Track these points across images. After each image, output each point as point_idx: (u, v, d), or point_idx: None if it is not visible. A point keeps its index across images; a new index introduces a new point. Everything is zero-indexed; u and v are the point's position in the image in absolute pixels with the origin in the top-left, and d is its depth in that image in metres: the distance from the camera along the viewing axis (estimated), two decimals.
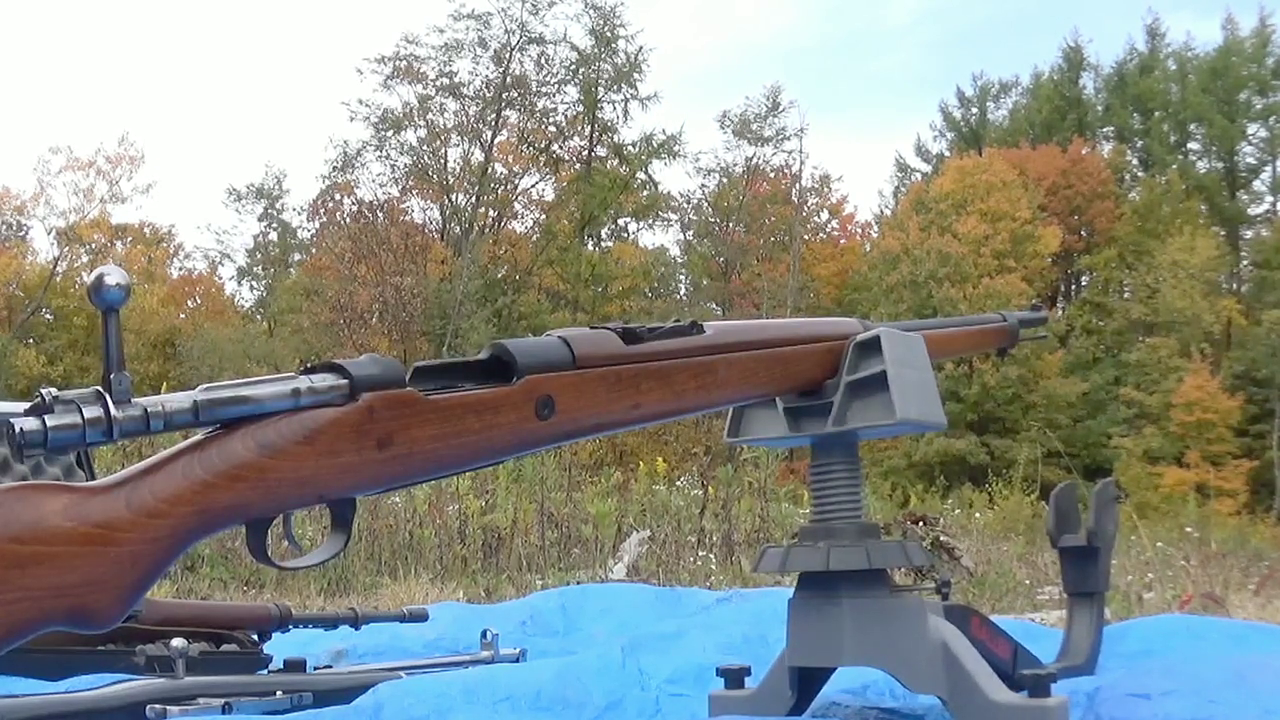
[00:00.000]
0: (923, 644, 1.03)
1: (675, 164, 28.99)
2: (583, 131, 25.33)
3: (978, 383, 22.74)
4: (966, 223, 23.95)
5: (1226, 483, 19.46)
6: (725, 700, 1.15)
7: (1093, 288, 27.72)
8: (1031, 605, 3.85)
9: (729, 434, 1.16)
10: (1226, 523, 10.35)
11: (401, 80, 24.05)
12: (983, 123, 30.99)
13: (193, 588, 4.68)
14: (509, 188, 25.43)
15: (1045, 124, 29.45)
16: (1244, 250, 28.04)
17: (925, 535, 4.92)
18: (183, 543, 0.70)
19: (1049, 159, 26.68)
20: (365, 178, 24.81)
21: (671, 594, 2.10)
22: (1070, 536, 1.33)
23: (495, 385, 0.82)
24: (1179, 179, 27.17)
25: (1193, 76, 28.43)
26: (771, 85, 31.40)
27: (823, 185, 28.68)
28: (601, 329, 0.90)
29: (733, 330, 0.99)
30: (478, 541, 5.85)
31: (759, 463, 6.20)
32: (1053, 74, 30.62)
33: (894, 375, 1.04)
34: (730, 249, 26.89)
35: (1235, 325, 24.84)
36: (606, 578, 4.78)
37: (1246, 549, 6.74)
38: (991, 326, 1.36)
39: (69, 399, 0.67)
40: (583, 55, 24.69)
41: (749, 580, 4.22)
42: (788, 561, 1.08)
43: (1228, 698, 1.00)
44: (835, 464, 1.10)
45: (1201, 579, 3.98)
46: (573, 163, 25.67)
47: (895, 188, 31.10)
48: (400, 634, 1.88)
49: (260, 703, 1.30)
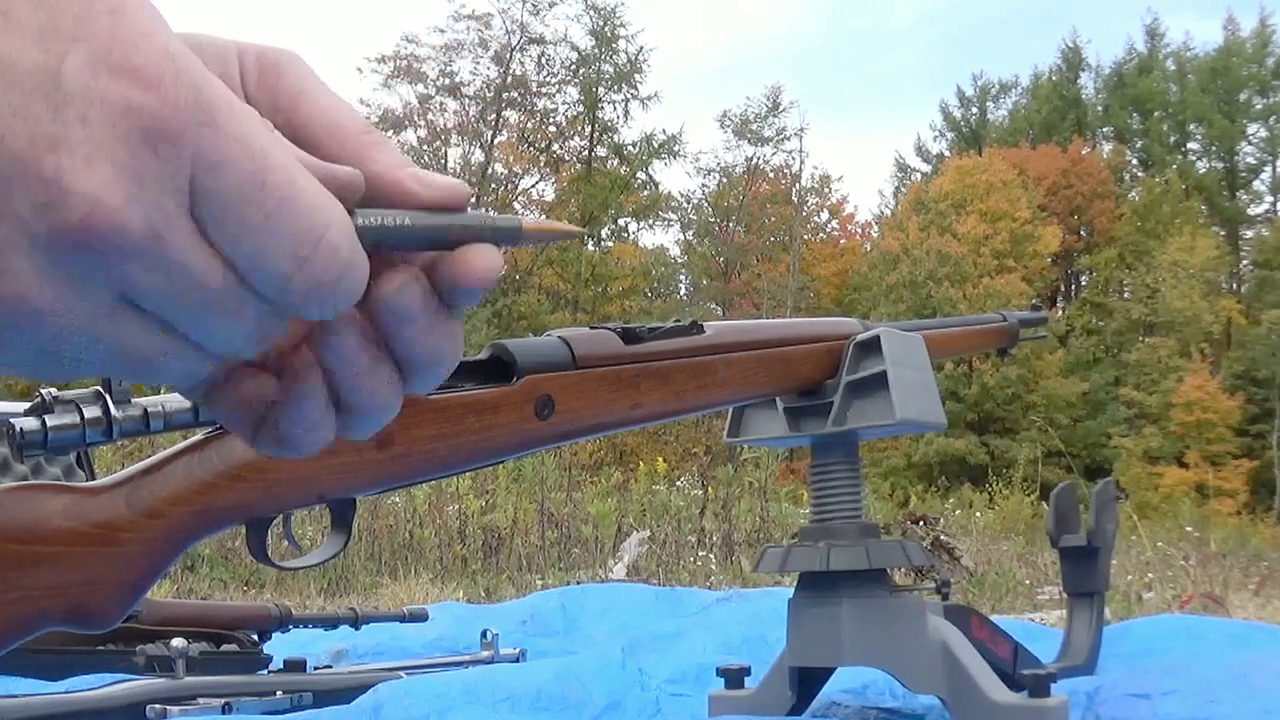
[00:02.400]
0: (923, 644, 1.03)
1: (675, 164, 29.08)
2: (583, 131, 25.33)
3: (978, 383, 22.75)
4: (966, 223, 23.96)
5: (1226, 483, 19.48)
6: (725, 700, 1.15)
7: (1093, 288, 27.72)
8: (1031, 605, 3.86)
9: (729, 434, 1.16)
10: (1226, 523, 10.36)
11: (402, 80, 24.08)
12: (983, 123, 31.00)
13: (193, 588, 4.69)
14: (509, 188, 25.44)
15: (1045, 124, 29.47)
16: (1244, 250, 28.05)
17: (925, 535, 4.93)
18: (183, 543, 0.70)
19: (1049, 159, 26.70)
20: None
21: (671, 594, 2.11)
22: (1070, 536, 1.33)
23: (495, 385, 0.82)
24: (1179, 179, 27.18)
25: (1192, 76, 28.44)
26: (772, 85, 31.48)
27: (823, 185, 28.71)
28: (601, 329, 0.90)
29: (733, 330, 0.99)
30: (478, 541, 5.85)
31: (759, 463, 6.21)
32: (1052, 74, 30.64)
33: (894, 375, 1.04)
34: (730, 249, 26.91)
35: (1235, 325, 24.85)
36: (606, 578, 4.79)
37: (1246, 549, 6.74)
38: (991, 326, 1.36)
39: (69, 399, 0.67)
40: (583, 55, 24.70)
41: (749, 580, 4.23)
42: (788, 561, 1.08)
43: (1228, 698, 1.00)
44: (835, 464, 1.10)
45: (1201, 579, 3.98)
46: (573, 163, 25.68)
47: (895, 188, 31.14)
48: (400, 634, 1.88)
49: (260, 703, 1.30)
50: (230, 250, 0.32)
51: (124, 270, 0.31)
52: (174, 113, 0.31)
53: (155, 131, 0.30)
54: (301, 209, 0.33)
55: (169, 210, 0.31)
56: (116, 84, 0.30)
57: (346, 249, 0.34)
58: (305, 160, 0.34)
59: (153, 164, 0.31)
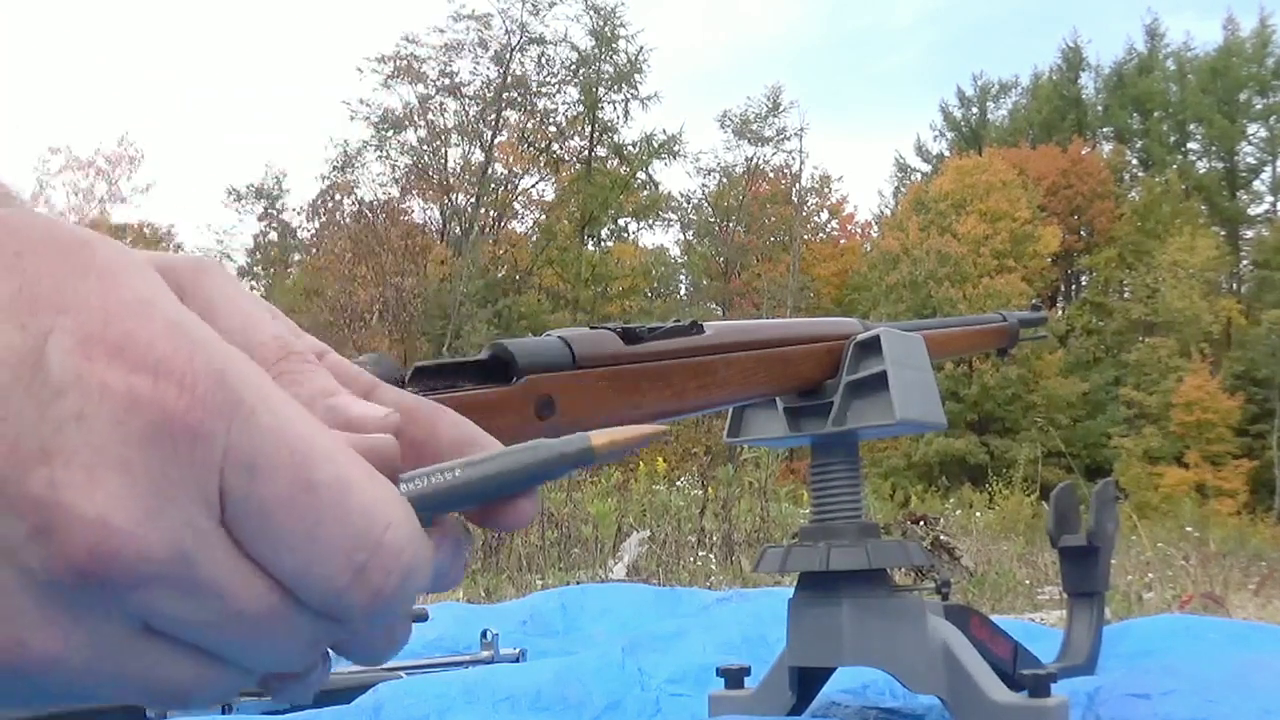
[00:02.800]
0: (923, 644, 1.02)
1: (675, 164, 29.06)
2: (583, 131, 25.34)
3: (978, 383, 22.76)
4: (966, 223, 23.96)
5: (1226, 483, 19.50)
6: (725, 700, 1.15)
7: (1093, 288, 27.73)
8: (1031, 605, 3.85)
9: (729, 434, 1.16)
10: (1226, 523, 10.37)
11: (402, 80, 24.08)
12: (983, 123, 31.01)
13: None
14: (509, 188, 25.44)
15: (1045, 124, 29.48)
16: (1244, 250, 28.05)
17: (925, 535, 4.93)
18: None
19: (1049, 159, 26.70)
20: (365, 178, 24.87)
21: (671, 594, 2.10)
22: (1070, 536, 1.33)
23: (495, 385, 0.82)
24: (1179, 179, 27.18)
25: (1192, 76, 28.44)
26: (772, 85, 31.48)
27: (823, 185, 28.72)
28: (601, 329, 0.90)
29: (733, 330, 0.99)
30: (478, 541, 5.85)
31: (759, 463, 6.20)
32: (1052, 74, 30.65)
33: (894, 375, 1.04)
34: (730, 249, 26.91)
35: (1235, 325, 24.86)
36: (606, 578, 4.78)
37: (1246, 549, 6.74)
38: (991, 326, 1.36)
39: None
40: (583, 55, 24.70)
41: (749, 580, 4.23)
42: (788, 561, 1.07)
43: (1228, 698, 1.00)
44: (835, 464, 1.10)
45: (1201, 579, 3.98)
46: (573, 163, 25.68)
47: (895, 188, 31.16)
48: None
49: (260, 703, 1.30)
50: (272, 564, 0.27)
51: (146, 600, 0.25)
52: (194, 402, 0.25)
53: (173, 428, 0.25)
54: (356, 508, 0.27)
55: (198, 524, 0.25)
56: (117, 368, 0.24)
57: (410, 549, 0.28)
58: (346, 436, 0.29)
59: (173, 469, 0.25)
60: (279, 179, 27.07)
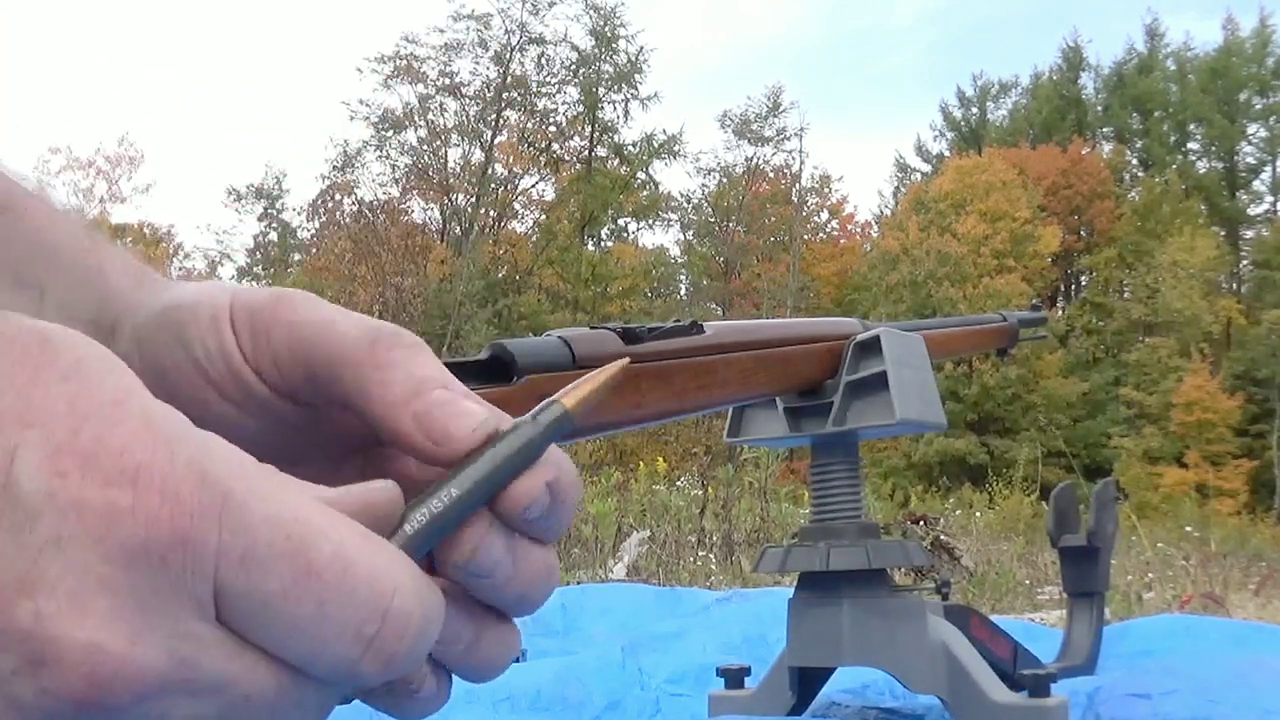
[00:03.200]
0: (923, 644, 1.02)
1: (675, 164, 29.06)
2: (583, 131, 25.34)
3: (978, 383, 22.76)
4: (966, 223, 23.96)
5: (1226, 483, 19.50)
6: (725, 700, 1.15)
7: (1093, 288, 27.72)
8: (1031, 605, 3.85)
9: (729, 434, 1.16)
10: (1226, 523, 10.37)
11: (402, 80, 24.08)
12: (983, 123, 31.01)
13: None
14: (509, 188, 25.45)
15: (1045, 124, 29.48)
16: (1244, 250, 28.06)
17: (925, 535, 4.92)
18: None
19: (1049, 159, 26.70)
20: (365, 178, 24.87)
21: (671, 594, 2.10)
22: (1070, 536, 1.33)
23: (495, 385, 0.82)
24: (1179, 179, 27.19)
25: (1192, 77, 28.45)
26: (772, 85, 31.50)
27: (823, 185, 28.72)
28: (601, 329, 0.90)
29: (733, 330, 0.99)
30: None
31: (759, 463, 6.20)
32: (1052, 74, 30.66)
33: (894, 375, 1.04)
34: (730, 249, 26.91)
35: (1235, 325, 24.86)
36: (606, 578, 4.78)
37: (1246, 549, 6.75)
38: (991, 326, 1.36)
39: None
40: (583, 55, 24.70)
41: (749, 580, 4.22)
42: (788, 561, 1.07)
43: (1228, 698, 1.00)
44: (835, 464, 1.10)
45: (1201, 579, 3.98)
46: (573, 163, 25.68)
47: (895, 188, 31.16)
48: None
49: None
50: (279, 650, 0.26)
51: (152, 711, 0.24)
52: (179, 510, 0.24)
53: (161, 542, 0.24)
54: (360, 581, 0.26)
55: (192, 630, 0.24)
56: (92, 482, 0.23)
57: (418, 611, 0.27)
58: (335, 501, 0.28)
59: (161, 581, 0.24)
60: (279, 179, 27.11)
